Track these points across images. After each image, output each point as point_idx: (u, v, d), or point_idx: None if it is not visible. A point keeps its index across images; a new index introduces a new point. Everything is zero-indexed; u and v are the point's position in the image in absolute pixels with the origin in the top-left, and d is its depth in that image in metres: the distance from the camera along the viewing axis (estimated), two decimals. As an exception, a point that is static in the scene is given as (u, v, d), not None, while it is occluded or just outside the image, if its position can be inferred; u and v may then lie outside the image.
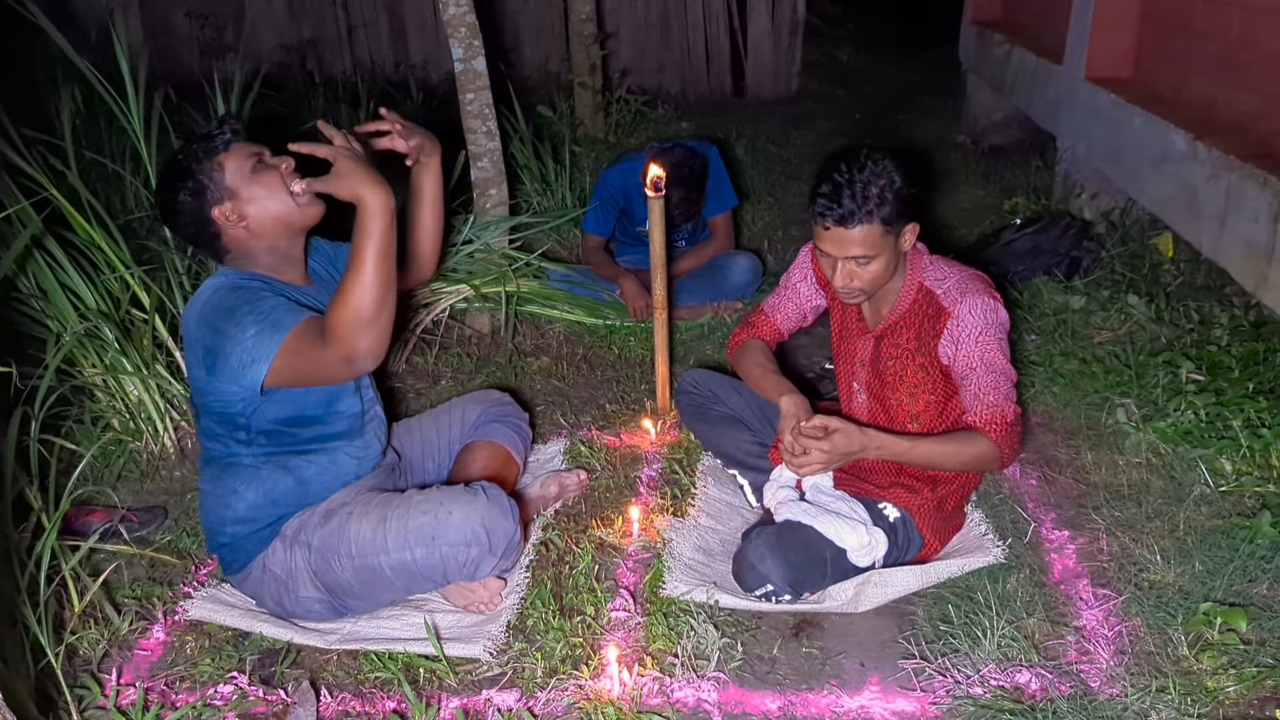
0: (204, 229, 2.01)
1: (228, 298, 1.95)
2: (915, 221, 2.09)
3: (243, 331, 1.89)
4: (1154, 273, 3.73)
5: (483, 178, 3.57)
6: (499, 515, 2.06)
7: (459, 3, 3.37)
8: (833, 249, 2.05)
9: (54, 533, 2.01)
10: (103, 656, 2.06)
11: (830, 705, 1.89)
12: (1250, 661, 1.89)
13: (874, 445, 2.02)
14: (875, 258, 2.04)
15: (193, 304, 2.00)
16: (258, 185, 2.01)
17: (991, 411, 2.03)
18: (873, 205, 1.98)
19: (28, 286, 2.64)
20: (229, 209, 1.99)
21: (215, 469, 2.11)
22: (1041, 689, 1.88)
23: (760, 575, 2.11)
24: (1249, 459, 2.54)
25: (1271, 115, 3.18)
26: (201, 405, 2.05)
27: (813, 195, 2.04)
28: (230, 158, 2.00)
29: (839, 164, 2.01)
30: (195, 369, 1.99)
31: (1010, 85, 5.54)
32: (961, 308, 2.08)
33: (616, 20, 7.63)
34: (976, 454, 2.03)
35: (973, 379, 2.07)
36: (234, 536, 2.10)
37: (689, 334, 3.63)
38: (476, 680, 1.98)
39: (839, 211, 1.99)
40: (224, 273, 2.04)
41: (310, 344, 1.87)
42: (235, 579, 2.18)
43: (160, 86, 3.26)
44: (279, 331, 1.88)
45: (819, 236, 2.07)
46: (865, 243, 2.01)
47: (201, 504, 2.16)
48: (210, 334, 1.92)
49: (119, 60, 2.93)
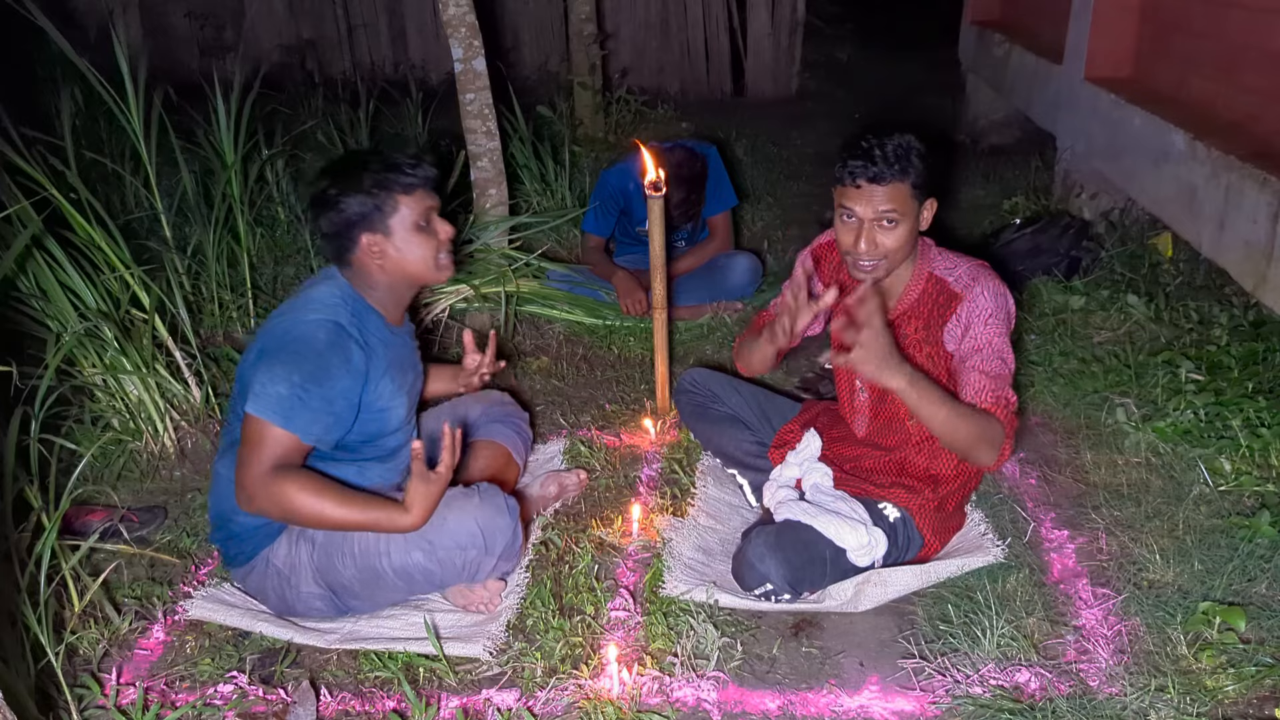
0: (343, 239, 2.04)
1: (314, 344, 1.96)
2: (934, 199, 2.10)
3: (279, 382, 1.92)
4: (1153, 272, 3.73)
5: (482, 177, 3.57)
6: (494, 514, 2.05)
7: (459, 3, 3.37)
8: (862, 208, 2.03)
9: (54, 532, 2.01)
10: (103, 656, 2.06)
11: (830, 705, 1.89)
12: (1249, 661, 1.89)
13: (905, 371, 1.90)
14: (901, 221, 2.03)
15: (296, 311, 2.01)
16: (414, 240, 2.05)
17: (997, 395, 2.03)
18: (903, 165, 2.00)
19: (28, 286, 2.64)
20: (377, 241, 2.03)
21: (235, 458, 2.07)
22: (1041, 688, 1.88)
23: (760, 574, 2.11)
24: (1248, 458, 2.54)
25: (1271, 115, 3.18)
26: (241, 393, 2.03)
27: (842, 160, 2.04)
28: (410, 201, 2.04)
29: (866, 134, 2.03)
30: (252, 360, 2.00)
31: (1010, 85, 5.55)
32: (975, 291, 2.08)
33: (616, 20, 7.63)
34: (985, 431, 1.98)
35: (977, 361, 2.05)
36: (242, 528, 2.09)
37: (689, 334, 3.63)
38: (476, 680, 1.98)
39: (872, 170, 1.99)
40: (339, 294, 2.04)
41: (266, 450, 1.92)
42: (238, 572, 2.17)
43: (160, 86, 3.26)
44: (286, 418, 1.93)
45: (846, 197, 2.04)
46: (896, 199, 2.01)
47: (214, 489, 2.14)
48: (275, 346, 1.95)
49: (119, 60, 2.94)
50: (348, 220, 2.02)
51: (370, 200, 2.01)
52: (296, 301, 2.06)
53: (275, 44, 8.00)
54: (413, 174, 2.04)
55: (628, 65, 7.70)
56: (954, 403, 1.97)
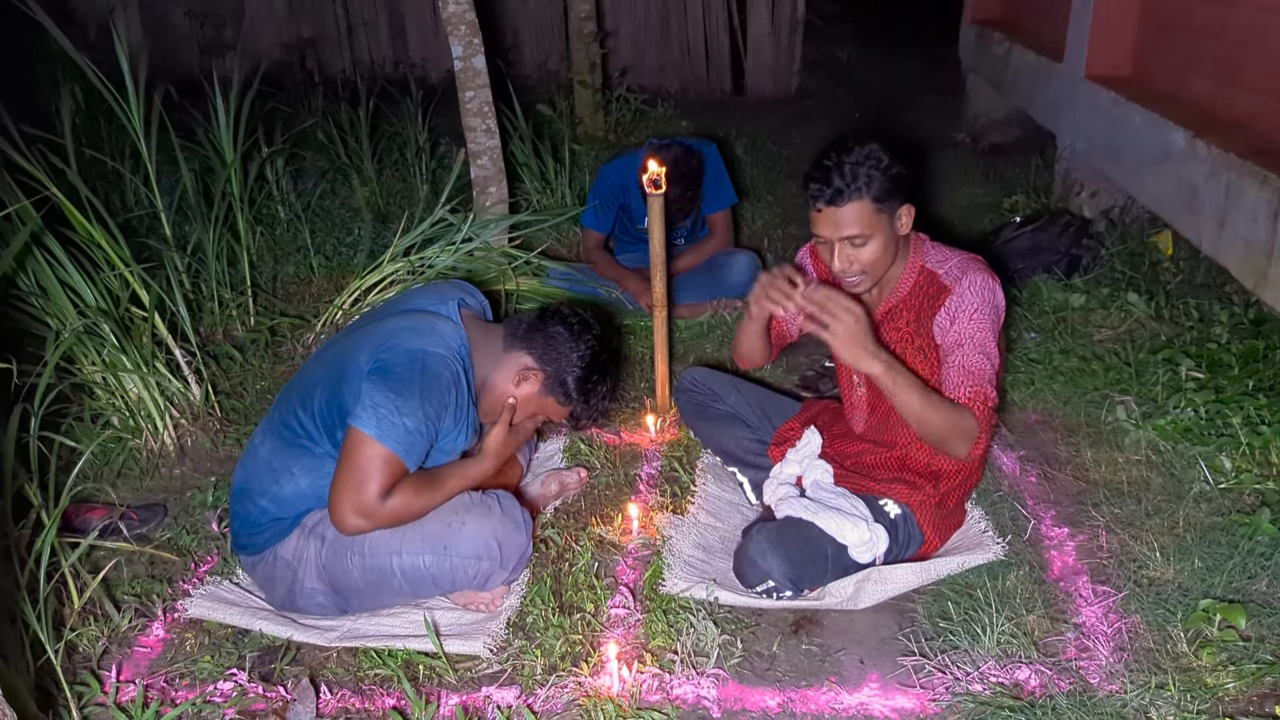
0: (535, 358, 2.14)
1: (440, 384, 1.97)
2: (909, 203, 2.09)
3: (404, 414, 1.92)
4: (1153, 270, 3.73)
5: (482, 175, 3.57)
6: (512, 529, 2.07)
7: (458, 1, 3.37)
8: (828, 231, 2.05)
9: (53, 530, 2.01)
10: (102, 653, 2.06)
11: (829, 702, 1.89)
12: (1250, 658, 1.89)
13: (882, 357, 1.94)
14: (870, 238, 2.04)
15: (424, 337, 2.01)
16: (535, 407, 2.19)
17: (976, 390, 2.03)
18: (861, 183, 1.99)
19: (28, 284, 2.64)
20: (530, 378, 2.14)
21: (282, 441, 2.06)
22: (1041, 685, 1.88)
23: (762, 571, 2.11)
24: (1248, 456, 2.54)
25: (1270, 113, 3.18)
26: (332, 384, 2.01)
27: (805, 183, 2.06)
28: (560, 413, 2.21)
29: (827, 151, 2.04)
30: (367, 359, 1.97)
31: (1010, 84, 5.55)
32: (962, 284, 2.09)
33: (616, 19, 7.63)
34: (958, 423, 2.00)
35: (958, 355, 2.06)
36: (263, 513, 2.06)
37: (689, 332, 3.63)
38: (476, 677, 1.98)
39: (829, 191, 2.01)
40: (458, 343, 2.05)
41: (383, 475, 1.93)
42: (248, 560, 2.15)
43: (160, 85, 3.26)
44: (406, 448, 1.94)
45: (814, 222, 2.07)
46: (858, 221, 2.02)
47: (245, 462, 2.11)
48: (403, 372, 1.95)
49: (119, 58, 2.94)
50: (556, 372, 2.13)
51: (578, 404, 2.17)
52: (420, 322, 2.04)
53: (275, 42, 8.01)
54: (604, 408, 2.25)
55: (628, 64, 7.70)
56: (928, 393, 1.99)
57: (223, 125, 3.40)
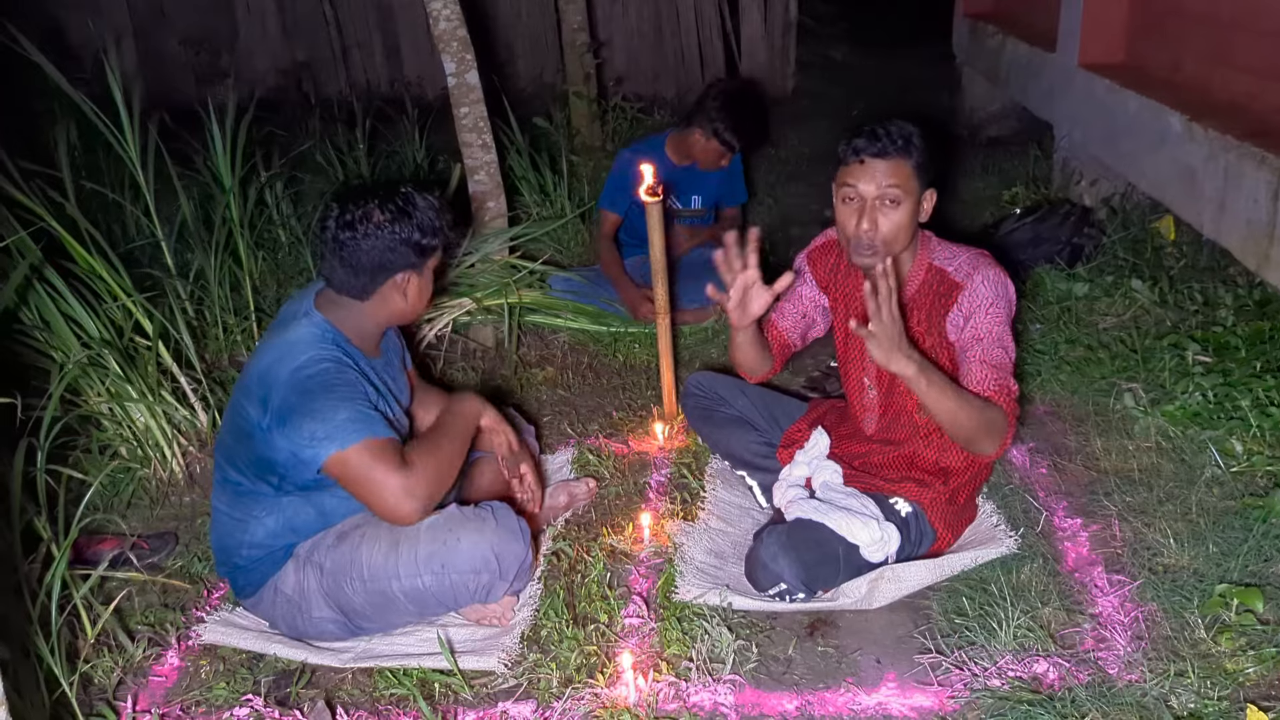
0: (383, 272, 2.05)
1: (331, 375, 1.96)
2: (934, 189, 2.11)
3: (335, 412, 1.91)
4: (1156, 256, 3.72)
5: (480, 191, 3.57)
6: (509, 539, 2.05)
7: (449, 17, 3.38)
8: (865, 184, 2.05)
9: (64, 562, 2.01)
10: (118, 684, 2.06)
11: (848, 703, 1.88)
12: (1269, 642, 1.87)
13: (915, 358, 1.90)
14: (902, 201, 2.05)
15: (286, 357, 1.97)
16: (428, 283, 2.15)
17: (1000, 384, 2.03)
18: (907, 145, 2.04)
19: (30, 318, 2.65)
20: (411, 278, 2.08)
21: (235, 495, 2.08)
22: (1060, 678, 1.87)
23: (774, 574, 2.10)
24: (1259, 438, 2.52)
25: (1267, 94, 3.17)
26: (243, 442, 2.02)
27: (846, 139, 2.07)
28: (440, 260, 2.17)
29: (869, 123, 2.07)
30: (257, 414, 1.96)
31: (1005, 76, 5.54)
32: (975, 279, 2.09)
33: (609, 29, 7.64)
34: (989, 419, 1.98)
35: (978, 350, 2.06)
36: (249, 560, 2.09)
37: (693, 338, 3.63)
38: (492, 693, 1.97)
39: (876, 145, 2.03)
40: (319, 332, 2.02)
41: (384, 459, 1.92)
42: (248, 603, 2.17)
43: (156, 114, 3.27)
44: (369, 429, 1.92)
45: (849, 175, 2.06)
46: (898, 175, 2.03)
47: (215, 525, 2.15)
48: (298, 398, 1.92)
49: (113, 90, 2.94)
50: (404, 254, 2.04)
51: (436, 240, 2.09)
52: (275, 344, 2.02)
53: (270, 67, 8.03)
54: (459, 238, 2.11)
55: (622, 73, 7.70)
56: (960, 391, 1.97)
57: (220, 151, 3.41)
